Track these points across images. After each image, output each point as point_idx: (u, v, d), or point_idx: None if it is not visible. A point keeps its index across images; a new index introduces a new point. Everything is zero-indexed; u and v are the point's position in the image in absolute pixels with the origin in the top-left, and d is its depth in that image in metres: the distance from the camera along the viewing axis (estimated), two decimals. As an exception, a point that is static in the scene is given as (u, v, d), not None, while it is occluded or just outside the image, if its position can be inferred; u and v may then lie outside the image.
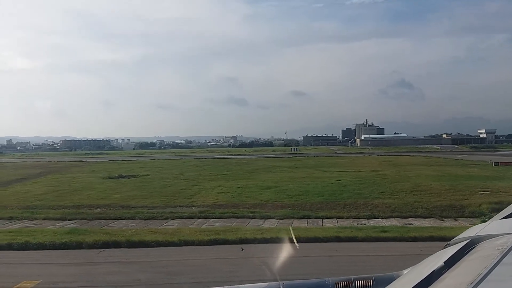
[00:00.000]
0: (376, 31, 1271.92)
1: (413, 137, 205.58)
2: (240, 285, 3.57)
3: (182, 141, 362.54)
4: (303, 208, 27.39)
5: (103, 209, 30.38)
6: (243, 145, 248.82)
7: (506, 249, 2.47)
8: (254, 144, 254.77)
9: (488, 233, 3.01)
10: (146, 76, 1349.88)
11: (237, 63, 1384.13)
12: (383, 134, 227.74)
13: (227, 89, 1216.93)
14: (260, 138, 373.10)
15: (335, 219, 24.69)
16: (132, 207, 30.17)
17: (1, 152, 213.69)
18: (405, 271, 3.26)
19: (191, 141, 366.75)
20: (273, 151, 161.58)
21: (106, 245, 17.22)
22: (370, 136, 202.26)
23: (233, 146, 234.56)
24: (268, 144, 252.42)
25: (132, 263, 15.01)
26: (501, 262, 2.28)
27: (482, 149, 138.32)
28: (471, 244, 2.89)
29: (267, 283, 3.50)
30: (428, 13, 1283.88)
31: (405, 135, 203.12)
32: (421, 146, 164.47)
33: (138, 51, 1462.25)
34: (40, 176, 53.78)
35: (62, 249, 17.07)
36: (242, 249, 15.95)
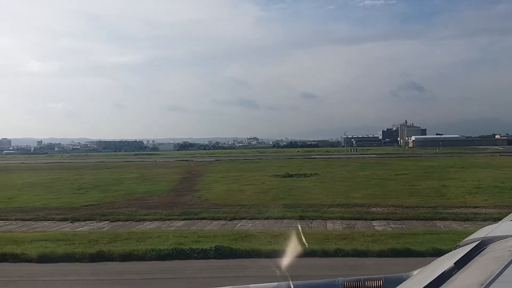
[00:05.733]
0: (388, 33, 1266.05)
1: (466, 137, 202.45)
2: (250, 285, 3.50)
3: (206, 142, 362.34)
4: None
5: (374, 208, 28.53)
6: (287, 145, 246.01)
7: None
8: (293, 145, 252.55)
9: (499, 234, 2.94)
10: (158, 78, 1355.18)
11: (248, 65, 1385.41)
12: (426, 135, 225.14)
13: (238, 91, 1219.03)
14: (282, 139, 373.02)
15: None
16: (406, 207, 28.28)
17: (47, 153, 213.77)
18: (415, 272, 3.20)
19: (218, 142, 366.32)
20: (326, 151, 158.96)
21: None
22: (422, 137, 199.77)
23: (279, 146, 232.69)
24: (313, 144, 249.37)
25: None
26: None
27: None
28: (482, 245, 2.83)
29: (276, 283, 3.47)
30: (440, 15, 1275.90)
31: (457, 135, 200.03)
32: (481, 146, 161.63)
33: (150, 53, 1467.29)
34: (196, 176, 52.32)
35: None
36: None
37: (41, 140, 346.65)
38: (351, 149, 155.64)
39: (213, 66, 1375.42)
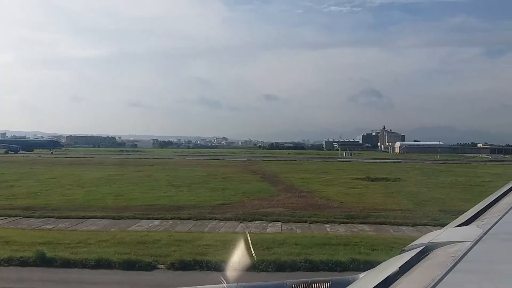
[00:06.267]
0: (352, 40, 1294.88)
1: (450, 145, 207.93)
2: (196, 286, 3.46)
3: (174, 140, 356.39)
4: None
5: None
6: (269, 147, 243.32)
7: (459, 257, 2.48)
8: (274, 146, 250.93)
9: (442, 241, 3.03)
10: (121, 73, 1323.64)
11: (214, 65, 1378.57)
12: (404, 141, 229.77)
13: (202, 90, 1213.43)
14: (249, 139, 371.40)
15: None
16: None
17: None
18: (361, 275, 3.26)
19: (190, 141, 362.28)
20: (317, 154, 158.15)
21: None
22: (408, 143, 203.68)
23: (264, 148, 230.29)
24: (298, 147, 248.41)
25: None
26: (453, 270, 2.28)
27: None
28: (426, 251, 2.90)
29: (224, 284, 3.49)
30: (402, 24, 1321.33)
31: (442, 143, 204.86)
32: (468, 154, 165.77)
33: (114, 47, 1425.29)
34: (273, 176, 49.73)
35: None
36: None
37: (5, 133, 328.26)
38: (345, 153, 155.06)
39: (179, 64, 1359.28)
